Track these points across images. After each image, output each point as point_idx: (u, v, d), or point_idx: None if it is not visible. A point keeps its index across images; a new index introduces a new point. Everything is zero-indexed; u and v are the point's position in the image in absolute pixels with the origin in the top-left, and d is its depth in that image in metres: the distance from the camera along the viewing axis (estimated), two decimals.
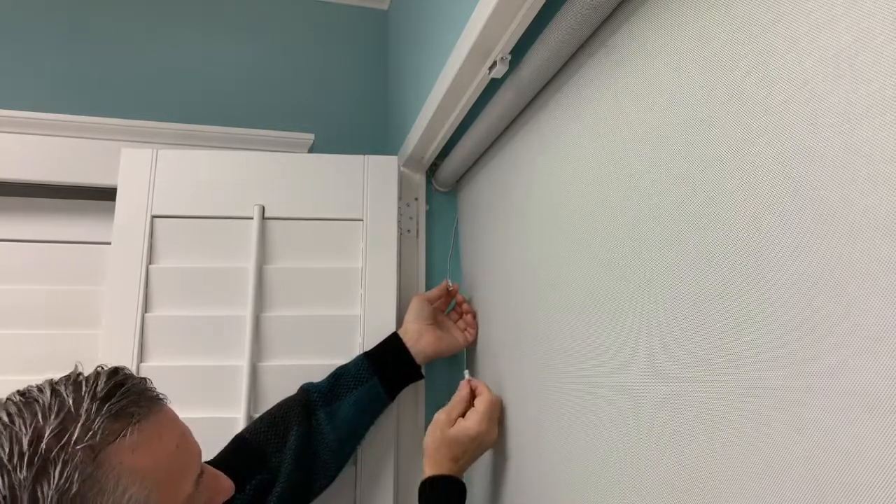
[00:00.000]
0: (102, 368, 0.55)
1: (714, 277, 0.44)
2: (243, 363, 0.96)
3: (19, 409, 0.50)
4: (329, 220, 1.04)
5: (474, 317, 1.03)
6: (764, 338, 0.39)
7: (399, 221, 1.07)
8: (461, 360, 1.11)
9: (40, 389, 0.52)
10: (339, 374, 0.92)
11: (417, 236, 1.14)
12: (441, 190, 1.18)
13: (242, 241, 1.01)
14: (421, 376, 0.96)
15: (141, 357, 0.95)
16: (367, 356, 0.94)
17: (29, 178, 1.08)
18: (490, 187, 0.98)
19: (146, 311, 0.96)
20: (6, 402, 0.51)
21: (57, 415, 0.49)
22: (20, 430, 0.48)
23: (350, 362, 0.94)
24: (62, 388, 0.52)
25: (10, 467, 0.46)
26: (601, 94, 0.62)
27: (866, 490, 0.32)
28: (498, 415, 0.87)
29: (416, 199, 1.15)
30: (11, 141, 1.07)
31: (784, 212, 0.38)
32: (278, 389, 0.96)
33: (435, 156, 1.07)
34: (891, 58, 0.31)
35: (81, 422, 0.49)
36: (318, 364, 0.98)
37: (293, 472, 0.82)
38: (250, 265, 1.00)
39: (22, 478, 0.46)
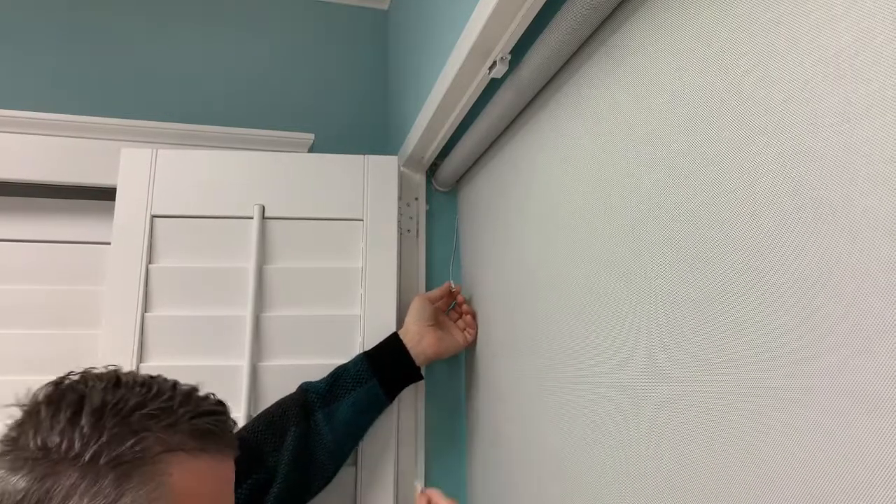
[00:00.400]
0: (199, 387, 0.54)
1: (713, 277, 0.44)
2: (243, 363, 0.96)
3: (143, 380, 0.49)
4: (329, 220, 1.04)
5: (474, 317, 1.03)
6: (763, 338, 0.39)
7: (399, 221, 1.07)
8: (461, 360, 1.11)
9: (162, 377, 0.51)
10: (338, 375, 0.92)
11: (417, 236, 1.13)
12: (441, 190, 1.18)
13: (242, 240, 1.01)
14: (421, 377, 0.96)
15: (141, 357, 0.95)
16: (367, 356, 0.94)
17: (29, 178, 1.08)
18: (490, 187, 0.98)
19: (146, 311, 0.96)
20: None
21: (166, 399, 0.48)
22: (132, 391, 0.47)
23: (349, 362, 0.94)
24: (176, 384, 0.51)
25: (105, 417, 0.45)
26: (601, 94, 0.62)
27: (865, 490, 0.32)
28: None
29: (416, 199, 1.15)
30: (11, 141, 1.07)
31: (784, 211, 0.38)
32: (278, 389, 0.95)
33: (435, 156, 1.07)
34: (891, 58, 0.31)
35: (170, 420, 0.48)
36: (319, 364, 0.98)
37: (290, 472, 0.82)
38: (250, 265, 1.00)
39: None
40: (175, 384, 0.51)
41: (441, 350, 0.96)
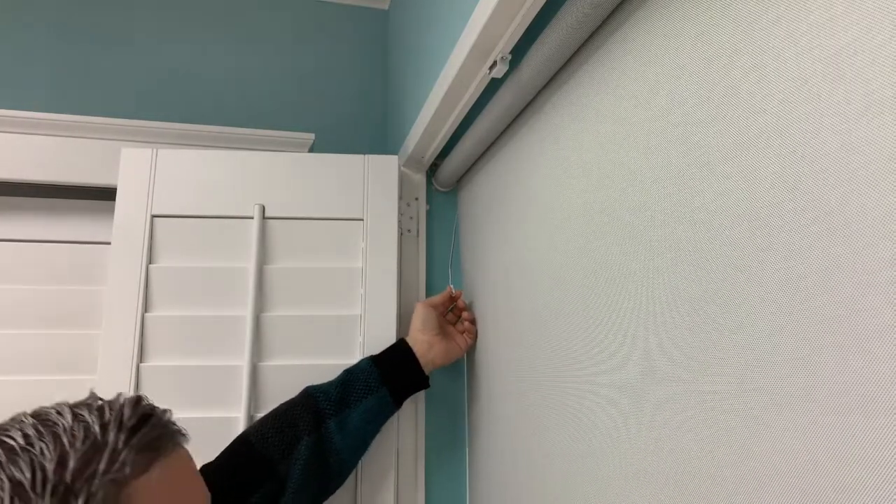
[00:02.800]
0: (122, 396, 0.52)
1: (712, 277, 0.44)
2: (243, 363, 0.96)
3: (39, 433, 0.45)
4: (329, 220, 1.04)
5: (473, 322, 1.03)
6: (762, 338, 0.39)
7: (399, 221, 1.07)
8: (461, 364, 1.11)
9: (59, 412, 0.48)
10: (348, 381, 0.90)
11: (418, 236, 1.14)
12: (441, 190, 1.18)
13: (242, 240, 1.01)
14: (428, 385, 0.95)
15: (141, 357, 0.95)
16: (376, 363, 0.92)
17: (29, 178, 1.08)
18: (490, 187, 0.98)
19: (146, 311, 0.96)
20: (18, 422, 0.47)
21: (83, 441, 0.45)
22: (42, 454, 0.44)
23: (357, 367, 0.92)
24: (85, 413, 0.48)
25: (31, 495, 0.42)
26: (601, 94, 0.62)
27: (864, 490, 0.32)
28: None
29: (417, 198, 1.15)
30: (11, 141, 1.07)
31: (782, 212, 0.38)
32: (278, 389, 0.96)
33: (435, 155, 1.07)
34: (890, 57, 0.32)
35: (108, 452, 0.46)
36: (319, 364, 0.98)
37: (302, 482, 0.81)
38: (250, 265, 1.00)
39: None
40: (75, 413, 0.48)
41: (448, 359, 0.96)
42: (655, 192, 0.52)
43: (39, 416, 0.48)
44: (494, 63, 0.72)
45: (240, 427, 0.93)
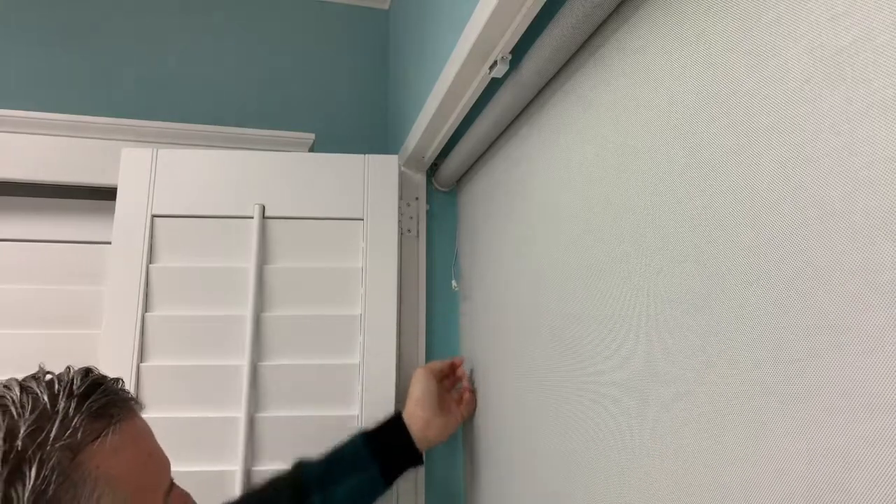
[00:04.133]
0: (71, 368, 0.52)
1: (714, 277, 0.44)
2: (243, 363, 0.96)
3: None
4: (329, 220, 1.04)
5: (473, 393, 0.99)
6: (764, 337, 0.39)
7: (399, 221, 1.07)
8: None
9: (6, 386, 0.48)
10: (337, 456, 0.86)
11: (418, 236, 1.13)
12: (441, 190, 1.18)
13: (242, 240, 1.01)
14: (422, 462, 0.90)
15: (141, 357, 0.95)
16: (367, 438, 0.88)
17: (29, 178, 1.08)
18: (490, 187, 0.98)
19: (146, 311, 0.96)
20: None
21: (32, 411, 0.45)
22: None
23: (347, 442, 0.88)
24: (33, 385, 0.48)
25: None
26: (601, 94, 0.62)
27: (865, 489, 0.32)
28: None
29: (417, 198, 1.15)
30: (11, 141, 1.07)
31: (784, 211, 0.38)
32: (278, 389, 0.96)
33: (435, 155, 1.07)
34: (891, 57, 0.31)
35: (59, 419, 0.46)
36: (319, 364, 0.98)
37: None
38: (250, 265, 1.00)
39: None
40: (23, 386, 0.48)
41: (445, 436, 0.92)
42: (656, 191, 0.52)
43: None
44: (494, 63, 0.72)
45: (240, 426, 0.93)
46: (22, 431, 0.44)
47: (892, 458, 0.31)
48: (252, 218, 1.01)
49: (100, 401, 0.49)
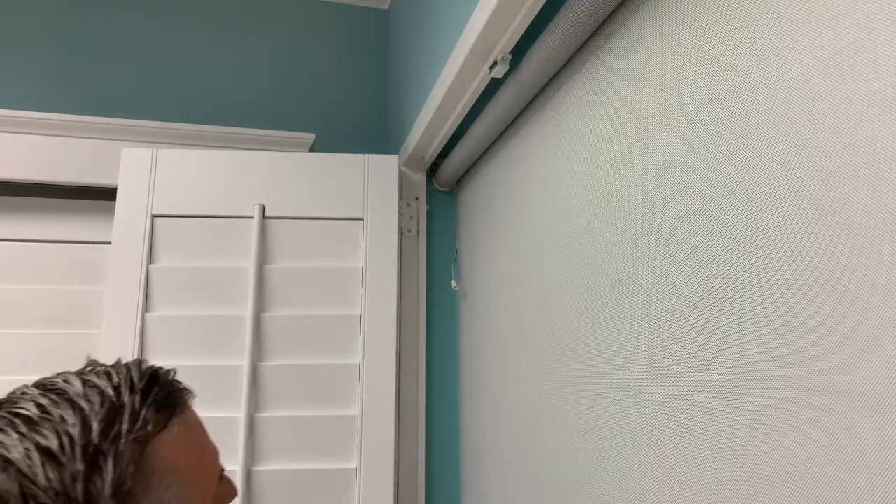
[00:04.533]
0: (122, 360, 0.52)
1: (714, 277, 0.44)
2: (244, 363, 0.96)
3: (52, 401, 0.45)
4: (329, 220, 1.04)
5: None
6: (764, 337, 0.39)
7: (399, 221, 1.07)
8: (456, 363, 1.10)
9: (65, 381, 0.48)
10: None
11: (418, 236, 1.13)
12: (441, 189, 1.18)
13: (243, 240, 1.01)
14: None
15: (141, 357, 0.95)
16: None
17: (29, 178, 1.08)
18: (490, 187, 0.98)
19: (146, 311, 0.96)
20: (23, 395, 0.47)
21: (101, 404, 0.45)
22: (63, 420, 0.44)
23: None
24: (93, 378, 0.48)
25: (63, 459, 0.42)
26: (601, 94, 0.62)
27: (865, 489, 0.32)
28: None
29: (417, 198, 1.15)
30: (11, 141, 1.07)
31: (784, 211, 0.38)
32: (278, 389, 0.96)
33: (435, 155, 1.07)
34: (891, 57, 0.32)
35: (128, 413, 0.46)
36: (319, 364, 0.98)
37: None
38: (250, 265, 1.00)
39: (76, 471, 0.42)
40: (83, 380, 0.48)
41: None
42: (657, 191, 0.52)
43: (46, 386, 0.48)
44: (495, 63, 0.72)
45: (240, 426, 0.93)
46: (95, 426, 0.44)
47: (892, 457, 0.31)
48: (252, 218, 1.01)
49: (162, 393, 0.50)
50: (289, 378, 0.96)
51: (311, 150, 1.19)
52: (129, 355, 0.94)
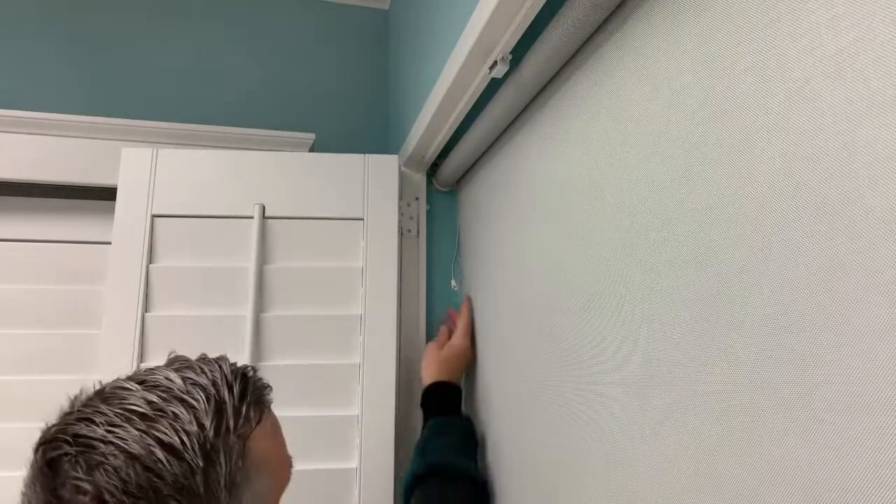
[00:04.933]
0: (204, 355, 0.56)
1: (714, 277, 0.44)
2: (244, 362, 0.96)
3: (162, 398, 0.48)
4: (329, 220, 1.04)
5: (455, 320, 1.04)
6: (764, 337, 0.39)
7: (399, 221, 1.07)
8: None
9: (166, 378, 0.50)
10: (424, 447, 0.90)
11: (418, 236, 1.14)
12: (441, 189, 1.18)
13: (243, 240, 1.01)
14: (458, 389, 0.97)
15: (141, 357, 0.95)
16: (425, 411, 0.95)
17: (29, 178, 1.08)
18: (490, 187, 0.98)
19: (146, 311, 0.96)
20: (125, 390, 0.49)
21: (207, 402, 0.48)
22: (178, 418, 0.47)
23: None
24: (192, 376, 0.51)
25: (186, 456, 0.45)
26: (601, 94, 0.62)
27: (866, 489, 0.32)
28: (470, 334, 1.01)
29: (417, 198, 1.15)
30: (11, 141, 1.07)
31: (784, 211, 0.38)
32: (279, 389, 0.95)
33: (436, 155, 1.07)
34: (891, 57, 0.31)
35: (231, 410, 0.49)
36: (319, 364, 0.98)
37: None
38: (250, 265, 1.00)
39: (197, 465, 0.45)
40: (184, 377, 0.51)
41: (443, 361, 0.96)
42: (656, 191, 0.52)
43: (147, 383, 0.50)
44: (494, 63, 0.72)
45: None
46: (207, 423, 0.47)
47: (892, 457, 0.31)
48: (252, 218, 1.01)
49: (256, 391, 0.54)
50: (289, 378, 0.96)
51: (311, 150, 1.19)
52: (129, 355, 0.94)
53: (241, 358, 0.96)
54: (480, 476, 0.89)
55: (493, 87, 0.80)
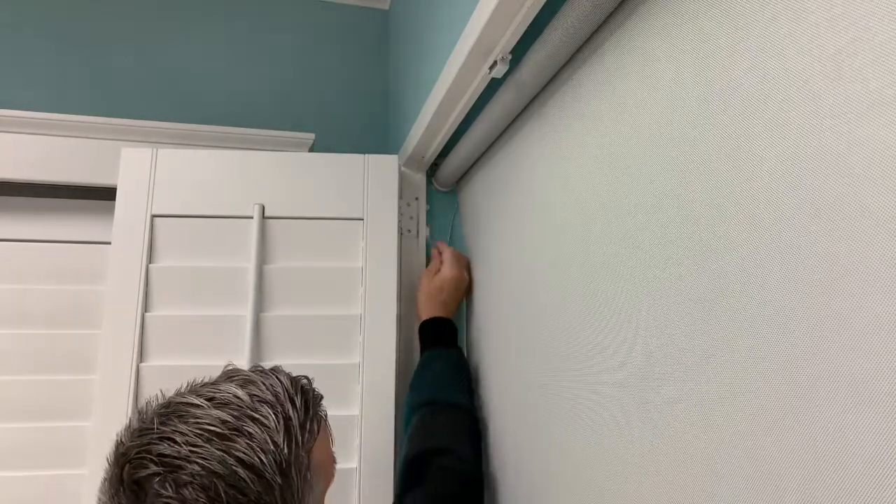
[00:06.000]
0: (259, 366, 0.59)
1: (713, 277, 0.44)
2: (244, 362, 0.96)
3: (234, 416, 0.50)
4: (329, 220, 1.04)
5: (440, 252, 1.08)
6: (763, 336, 0.39)
7: (399, 221, 1.07)
8: None
9: (235, 395, 0.52)
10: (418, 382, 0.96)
11: (418, 236, 1.14)
12: (441, 189, 1.18)
13: (242, 240, 1.01)
14: (451, 322, 1.01)
15: (141, 357, 0.95)
16: (424, 345, 1.00)
17: (29, 178, 1.08)
18: (490, 187, 0.98)
19: (146, 311, 0.96)
20: (194, 406, 0.51)
21: (276, 418, 0.51)
22: (252, 437, 0.49)
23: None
24: (256, 391, 0.53)
25: (266, 474, 0.48)
26: (601, 94, 0.62)
27: (866, 488, 0.32)
28: (463, 262, 1.05)
29: (417, 198, 1.15)
30: (11, 141, 1.07)
31: (783, 210, 0.38)
32: None
33: (435, 155, 1.07)
34: (891, 57, 0.32)
35: (298, 426, 0.52)
36: (319, 364, 0.98)
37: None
38: (250, 265, 1.00)
39: (276, 483, 0.48)
40: (250, 394, 0.53)
41: (434, 289, 1.00)
42: (656, 191, 0.52)
43: (215, 400, 0.52)
44: (494, 63, 0.72)
45: None
46: (280, 440, 0.50)
47: (892, 456, 0.31)
48: (252, 218, 1.01)
49: (315, 406, 0.57)
50: None
51: (311, 150, 1.19)
52: (129, 355, 0.94)
53: (241, 358, 0.96)
54: (467, 403, 0.93)
55: (493, 87, 0.80)
